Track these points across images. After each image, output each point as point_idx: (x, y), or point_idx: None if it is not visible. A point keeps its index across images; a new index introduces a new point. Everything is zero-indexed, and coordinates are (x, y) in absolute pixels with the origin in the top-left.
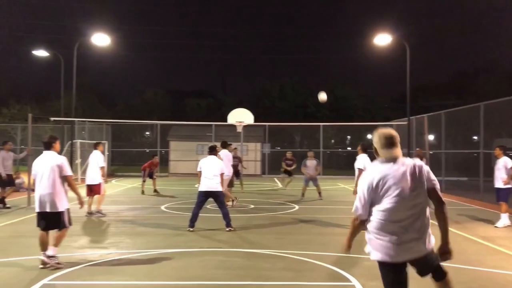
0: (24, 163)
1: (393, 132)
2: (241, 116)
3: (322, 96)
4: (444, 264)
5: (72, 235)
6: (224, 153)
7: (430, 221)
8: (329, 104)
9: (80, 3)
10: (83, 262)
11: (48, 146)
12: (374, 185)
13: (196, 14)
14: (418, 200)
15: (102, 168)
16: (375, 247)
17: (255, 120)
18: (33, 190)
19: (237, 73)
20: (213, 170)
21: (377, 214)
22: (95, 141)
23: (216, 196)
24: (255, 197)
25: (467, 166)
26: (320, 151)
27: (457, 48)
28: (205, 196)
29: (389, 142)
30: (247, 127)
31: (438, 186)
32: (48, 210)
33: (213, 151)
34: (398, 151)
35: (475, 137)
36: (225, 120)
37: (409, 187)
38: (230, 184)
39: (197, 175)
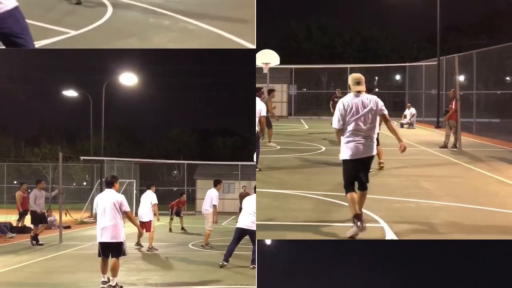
0: (56, 202)
1: (360, 76)
2: (267, 58)
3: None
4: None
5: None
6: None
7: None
8: (357, 44)
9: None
10: None
11: (110, 185)
12: (346, 108)
13: None
14: (372, 119)
15: (155, 205)
16: (346, 149)
17: (282, 62)
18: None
19: (262, 13)
20: (251, 208)
21: (348, 127)
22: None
23: (251, 234)
24: (282, 138)
25: (500, 107)
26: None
27: None
28: (240, 233)
29: (356, 82)
30: (273, 68)
31: (386, 112)
32: (109, 240)
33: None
34: (362, 87)
35: (508, 78)
36: (252, 159)
37: (367, 111)
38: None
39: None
